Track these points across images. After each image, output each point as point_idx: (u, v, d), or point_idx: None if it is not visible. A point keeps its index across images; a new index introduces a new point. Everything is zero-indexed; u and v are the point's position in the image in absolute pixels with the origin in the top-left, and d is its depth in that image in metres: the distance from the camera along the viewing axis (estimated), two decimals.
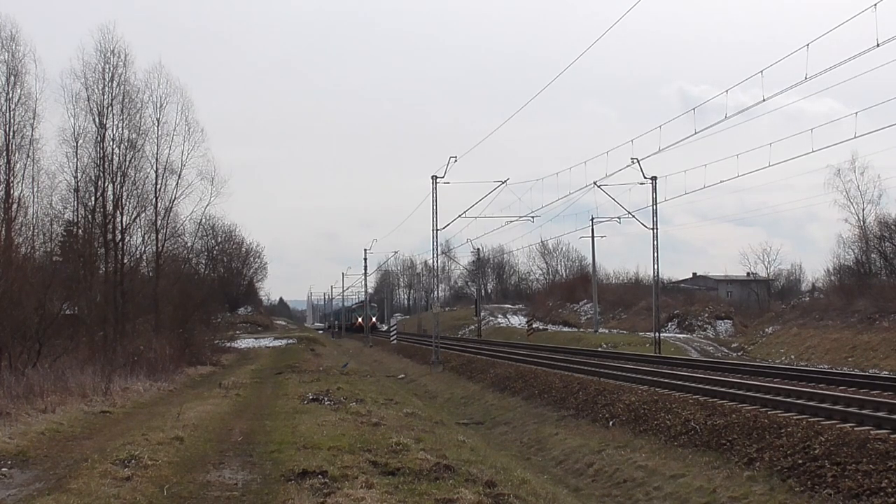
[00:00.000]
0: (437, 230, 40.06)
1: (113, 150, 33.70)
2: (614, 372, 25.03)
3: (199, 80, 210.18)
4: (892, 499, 9.90)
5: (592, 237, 61.84)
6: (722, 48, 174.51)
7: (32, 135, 30.68)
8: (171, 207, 38.02)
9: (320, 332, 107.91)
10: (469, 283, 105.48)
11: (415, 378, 36.01)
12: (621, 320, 69.89)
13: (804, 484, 11.15)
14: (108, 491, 9.12)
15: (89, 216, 33.70)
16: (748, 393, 18.03)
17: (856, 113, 21.16)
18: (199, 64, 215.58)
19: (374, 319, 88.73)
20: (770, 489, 11.45)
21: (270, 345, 57.88)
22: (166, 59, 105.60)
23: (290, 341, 61.89)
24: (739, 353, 47.08)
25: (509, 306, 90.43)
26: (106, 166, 33.38)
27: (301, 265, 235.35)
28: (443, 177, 38.16)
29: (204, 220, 45.74)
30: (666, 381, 21.44)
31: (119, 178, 33.94)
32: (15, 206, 29.52)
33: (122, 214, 34.49)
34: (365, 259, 72.57)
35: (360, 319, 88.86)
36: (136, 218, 35.48)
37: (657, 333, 41.35)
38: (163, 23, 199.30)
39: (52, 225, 32.63)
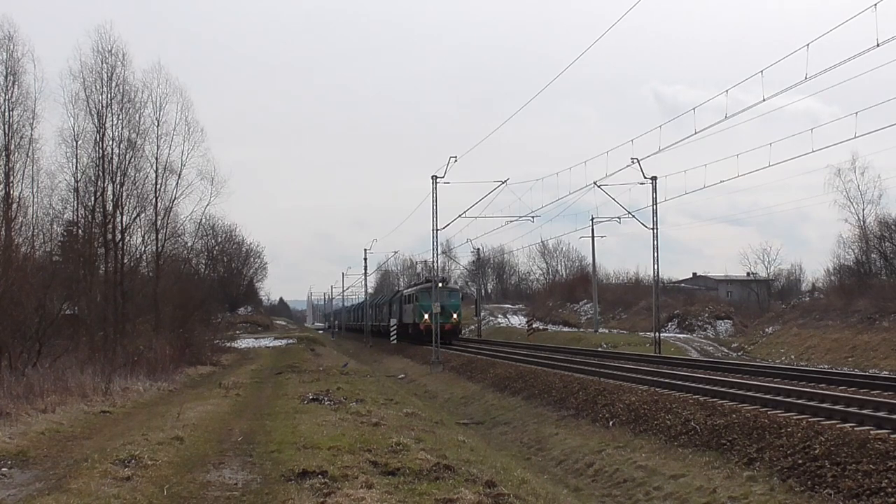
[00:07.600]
0: (437, 230, 40.07)
1: (112, 149, 33.66)
2: (614, 372, 25.03)
3: (198, 80, 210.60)
4: (893, 499, 9.89)
5: (592, 237, 61.90)
6: (696, 48, 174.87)
7: (31, 135, 30.70)
8: (171, 207, 38.04)
9: (320, 332, 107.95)
10: (469, 283, 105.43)
11: (415, 378, 36.00)
12: (621, 320, 69.88)
13: (804, 484, 11.14)
14: (108, 491, 9.11)
15: (89, 216, 33.66)
16: (748, 393, 18.03)
17: (856, 113, 21.10)
18: (199, 64, 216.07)
19: (455, 316, 51.18)
20: (770, 489, 11.45)
21: (270, 345, 57.85)
22: (165, 58, 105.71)
23: (290, 341, 61.85)
24: (739, 353, 47.09)
25: (509, 306, 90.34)
26: (106, 166, 33.33)
27: (300, 265, 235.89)
28: (443, 177, 38.11)
29: (204, 220, 45.65)
30: (666, 380, 21.43)
31: (119, 178, 33.91)
32: (15, 206, 29.51)
33: (122, 214, 34.48)
34: (365, 259, 72.52)
35: (426, 317, 48.24)
36: (136, 218, 35.50)
37: (657, 333, 41.35)
38: (162, 23, 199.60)
39: (52, 225, 32.64)
